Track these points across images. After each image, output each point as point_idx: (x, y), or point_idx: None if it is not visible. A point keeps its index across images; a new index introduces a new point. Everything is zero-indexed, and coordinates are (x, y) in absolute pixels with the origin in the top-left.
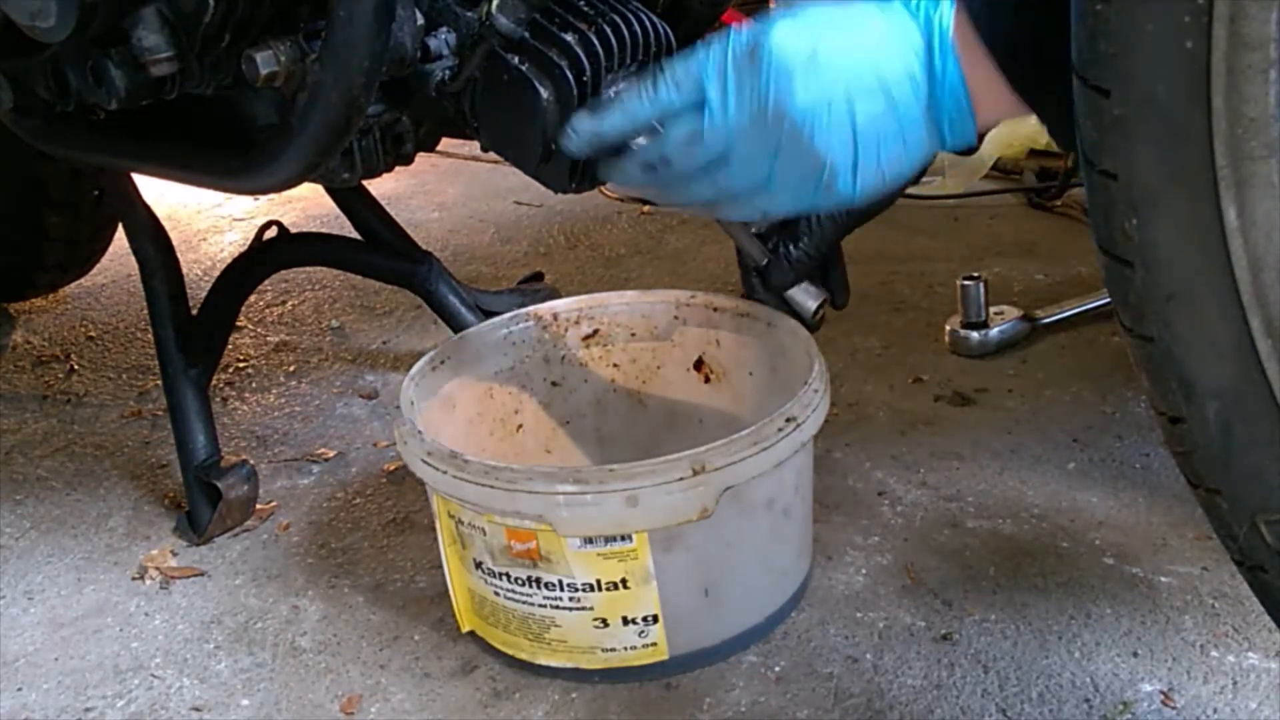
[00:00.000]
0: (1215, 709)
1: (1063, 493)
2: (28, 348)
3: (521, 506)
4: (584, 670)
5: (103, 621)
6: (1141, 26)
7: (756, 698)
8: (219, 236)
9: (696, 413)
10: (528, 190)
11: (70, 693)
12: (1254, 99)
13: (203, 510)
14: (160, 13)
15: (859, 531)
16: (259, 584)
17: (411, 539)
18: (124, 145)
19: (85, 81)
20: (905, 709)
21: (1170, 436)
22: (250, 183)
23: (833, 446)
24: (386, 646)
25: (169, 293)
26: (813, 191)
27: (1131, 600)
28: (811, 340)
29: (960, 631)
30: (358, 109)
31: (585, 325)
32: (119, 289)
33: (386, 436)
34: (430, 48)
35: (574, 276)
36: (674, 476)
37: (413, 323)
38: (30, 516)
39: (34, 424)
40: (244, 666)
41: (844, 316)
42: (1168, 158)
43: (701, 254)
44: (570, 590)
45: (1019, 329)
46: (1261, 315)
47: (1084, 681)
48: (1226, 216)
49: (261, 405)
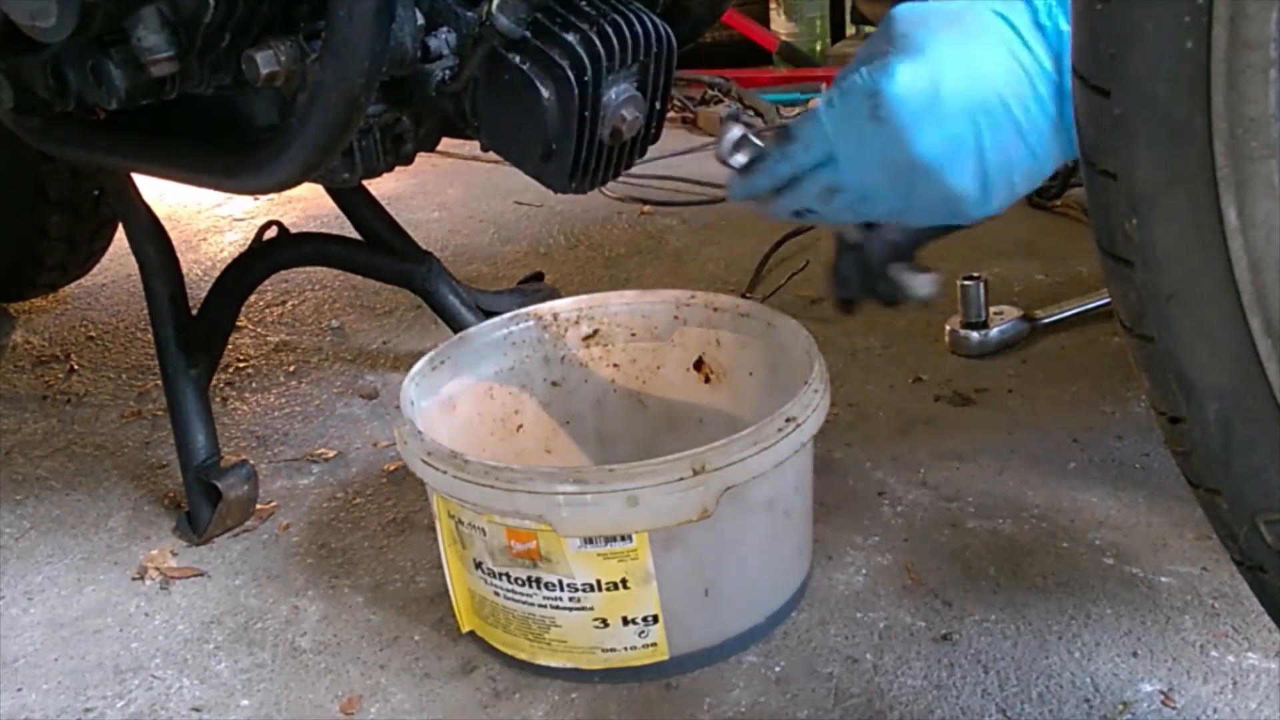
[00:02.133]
0: (1215, 709)
1: (1063, 493)
2: (28, 348)
3: (521, 506)
4: (584, 670)
5: (103, 621)
6: (1141, 26)
7: (756, 698)
8: (219, 236)
9: (696, 413)
10: (528, 190)
11: (70, 693)
12: (1254, 99)
13: (203, 510)
14: (160, 13)
15: (859, 531)
16: (259, 584)
17: (411, 539)
18: (124, 145)
19: (85, 81)
20: (905, 709)
21: (1170, 436)
22: (250, 183)
23: (833, 446)
24: (386, 646)
25: (169, 293)
26: (949, 216)
27: (1131, 600)
28: (811, 340)
29: (960, 631)
30: (358, 109)
31: (585, 325)
32: (119, 289)
33: (386, 436)
34: (430, 48)
35: (574, 276)
36: (674, 476)
37: (413, 323)
38: (30, 516)
39: (34, 424)
40: (244, 666)
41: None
42: (1168, 158)
43: (701, 254)
44: (570, 590)
45: (1019, 329)
46: (1261, 315)
47: (1084, 681)
48: (1226, 216)
49: (261, 405)
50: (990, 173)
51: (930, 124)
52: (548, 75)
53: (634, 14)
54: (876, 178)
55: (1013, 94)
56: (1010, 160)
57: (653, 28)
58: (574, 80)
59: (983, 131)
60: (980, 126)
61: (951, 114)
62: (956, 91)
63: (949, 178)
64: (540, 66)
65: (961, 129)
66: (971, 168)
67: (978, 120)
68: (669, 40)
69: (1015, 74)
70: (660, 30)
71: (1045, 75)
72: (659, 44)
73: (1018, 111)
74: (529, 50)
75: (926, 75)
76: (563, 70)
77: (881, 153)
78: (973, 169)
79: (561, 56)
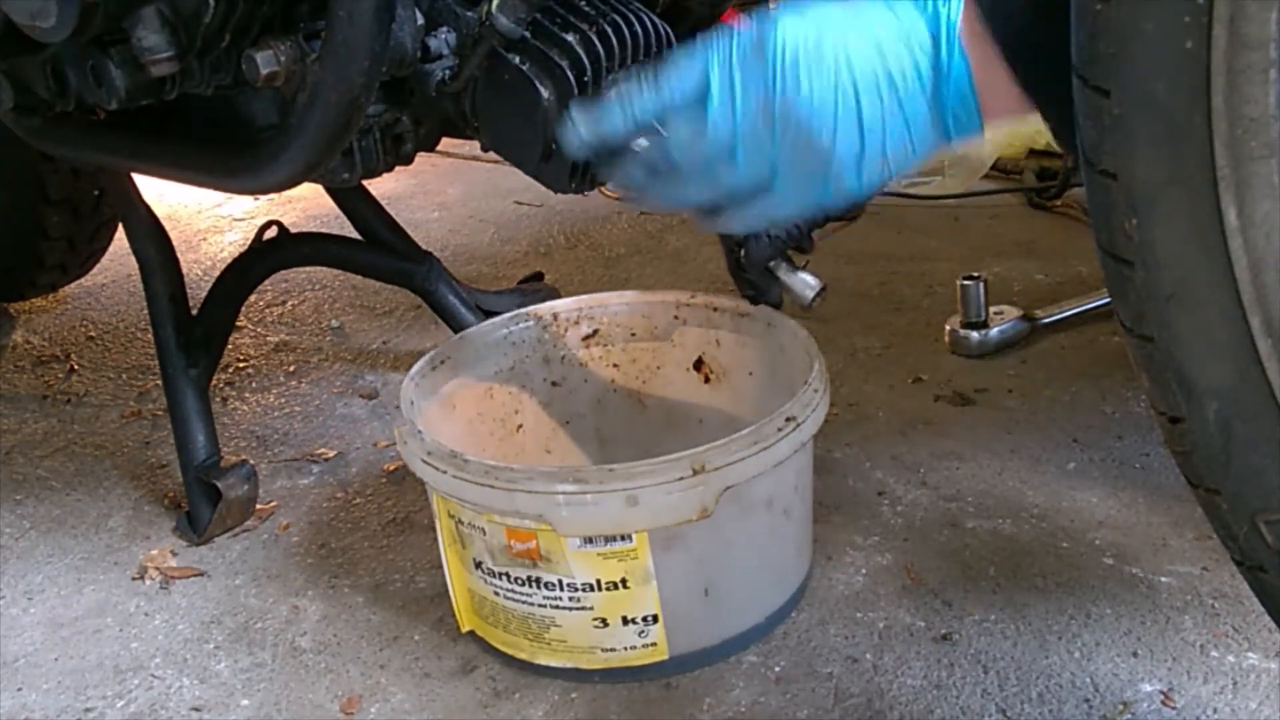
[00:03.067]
0: (1215, 709)
1: (1063, 493)
2: (28, 348)
3: (521, 506)
4: (584, 670)
5: (103, 621)
6: (1141, 26)
7: (756, 698)
8: (219, 236)
9: (696, 413)
10: (528, 190)
11: (70, 693)
12: (1254, 99)
13: (203, 510)
14: (160, 13)
15: (859, 531)
16: (259, 584)
17: (411, 539)
18: (124, 145)
19: (85, 81)
20: (905, 709)
21: (1170, 436)
22: (250, 183)
23: (833, 446)
24: (386, 646)
25: (169, 293)
26: (818, 187)
27: (1131, 600)
28: (811, 340)
29: (960, 631)
30: (358, 109)
31: (585, 325)
32: (119, 289)
33: (386, 436)
34: (430, 47)
35: (574, 276)
36: (674, 476)
37: (413, 323)
38: (30, 516)
39: (34, 424)
40: (244, 666)
41: (844, 316)
42: (1168, 158)
43: (701, 254)
44: (570, 590)
45: (1019, 329)
46: (1261, 315)
47: (1084, 681)
48: (1226, 216)
49: (261, 405)
50: (866, 137)
51: (810, 72)
52: (547, 76)
53: (633, 14)
54: (750, 121)
55: (894, 63)
56: (885, 130)
57: (653, 27)
58: (573, 80)
59: (861, 92)
60: (859, 87)
61: (832, 69)
62: (839, 47)
63: (824, 132)
64: (540, 67)
65: (841, 85)
66: (846, 128)
67: (857, 80)
68: (669, 39)
69: (895, 47)
70: (660, 29)
71: (925, 52)
72: (659, 43)
73: (897, 80)
74: (528, 51)
75: (811, 29)
76: (562, 70)
77: (759, 92)
78: (847, 129)
79: (561, 57)
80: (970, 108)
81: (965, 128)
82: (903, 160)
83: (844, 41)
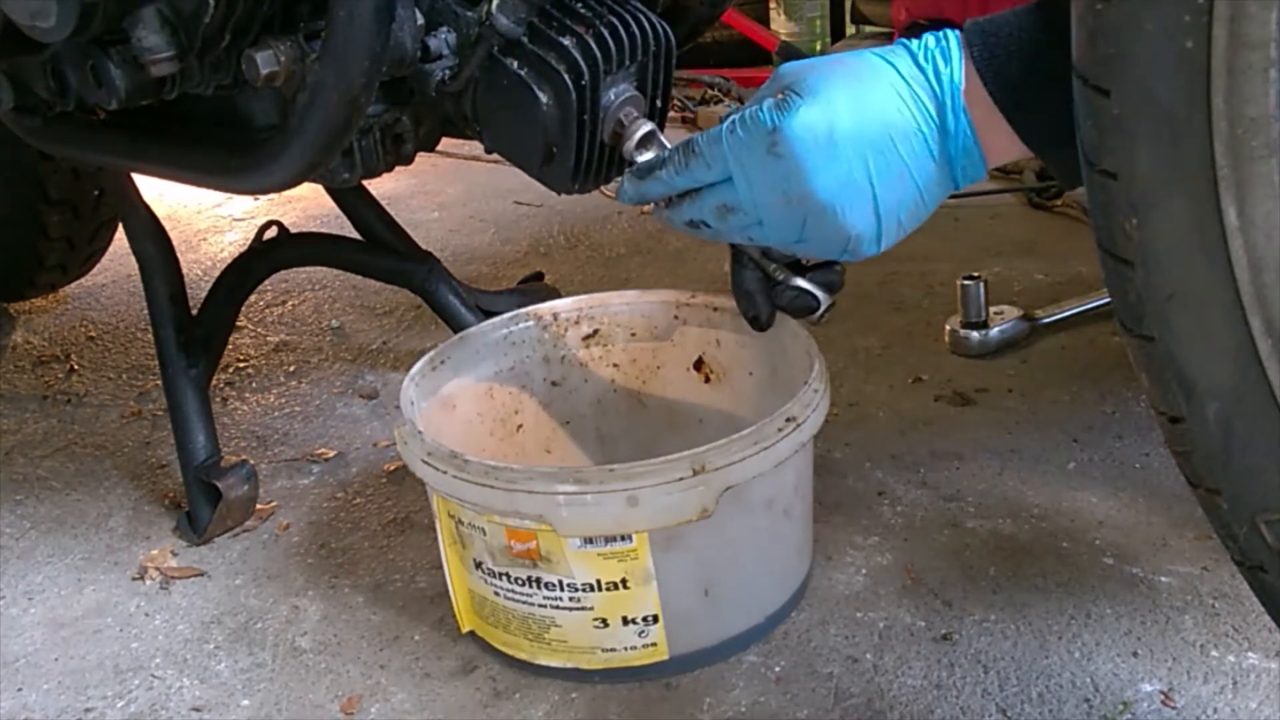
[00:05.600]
0: (1215, 709)
1: (1063, 493)
2: (28, 348)
3: (521, 506)
4: (584, 670)
5: (103, 622)
6: (1141, 26)
7: (756, 698)
8: (219, 236)
9: (696, 413)
10: (528, 190)
11: (70, 693)
12: (1254, 99)
13: (203, 510)
14: (160, 13)
15: (859, 531)
16: (259, 584)
17: (411, 539)
18: (124, 145)
19: (85, 81)
20: (905, 709)
21: (1170, 436)
22: (250, 183)
23: (833, 446)
24: (386, 646)
25: (169, 293)
26: (842, 254)
27: (1131, 600)
28: (811, 340)
29: (960, 631)
30: (358, 109)
31: (585, 325)
32: (119, 289)
33: (386, 436)
34: (430, 47)
35: (574, 276)
36: (674, 476)
37: (413, 323)
38: (30, 516)
39: (34, 424)
40: (244, 666)
41: (844, 316)
42: (1168, 158)
43: (701, 254)
44: (570, 590)
45: (1019, 329)
46: (1261, 315)
47: (1084, 681)
48: (1226, 216)
49: (261, 405)
50: (882, 212)
51: (826, 163)
52: (545, 80)
53: (631, 14)
54: (772, 209)
55: (900, 134)
56: (899, 199)
57: (650, 27)
58: (571, 85)
59: (873, 171)
60: (871, 167)
61: (845, 154)
62: (850, 132)
63: (844, 217)
64: (537, 72)
65: (855, 169)
66: (865, 207)
67: (869, 160)
68: (668, 39)
69: (902, 114)
70: (659, 29)
71: (927, 116)
72: (658, 43)
73: (904, 151)
74: (526, 55)
75: (822, 116)
76: (560, 75)
77: (779, 187)
78: (866, 208)
79: (558, 61)
80: (975, 158)
81: (971, 175)
82: (916, 218)
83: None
